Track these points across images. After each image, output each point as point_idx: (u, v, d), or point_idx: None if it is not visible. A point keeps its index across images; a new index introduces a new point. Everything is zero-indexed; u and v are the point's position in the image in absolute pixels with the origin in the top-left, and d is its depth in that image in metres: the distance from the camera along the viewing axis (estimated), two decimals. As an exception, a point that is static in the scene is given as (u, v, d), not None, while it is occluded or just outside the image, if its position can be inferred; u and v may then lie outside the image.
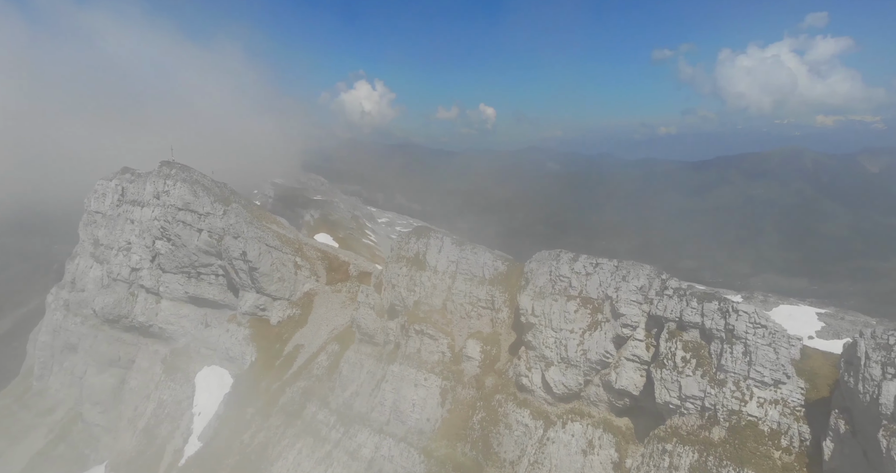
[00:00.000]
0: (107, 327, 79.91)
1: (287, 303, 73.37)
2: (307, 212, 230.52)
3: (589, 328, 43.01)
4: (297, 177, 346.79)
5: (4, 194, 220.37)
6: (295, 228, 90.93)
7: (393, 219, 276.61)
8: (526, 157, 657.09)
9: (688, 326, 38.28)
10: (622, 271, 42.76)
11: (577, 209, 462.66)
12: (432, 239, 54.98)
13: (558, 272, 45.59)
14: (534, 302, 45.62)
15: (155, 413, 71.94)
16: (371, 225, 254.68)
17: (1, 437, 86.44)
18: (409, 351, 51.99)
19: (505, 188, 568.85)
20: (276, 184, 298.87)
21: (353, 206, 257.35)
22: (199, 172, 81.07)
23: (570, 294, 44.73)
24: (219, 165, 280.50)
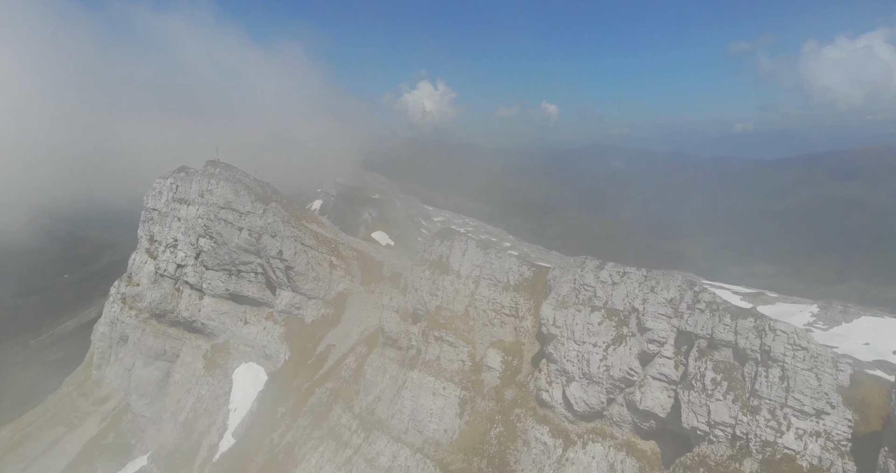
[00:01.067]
0: (154, 321, 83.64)
1: (321, 303, 74.02)
2: (366, 211, 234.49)
3: (613, 342, 40.26)
4: (359, 176, 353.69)
5: (96, 189, 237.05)
6: (337, 227, 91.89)
7: (449, 217, 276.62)
8: (590, 155, 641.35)
9: (720, 344, 34.93)
10: (651, 281, 39.71)
11: (644, 209, 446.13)
12: (456, 241, 53.53)
13: (582, 280, 43.01)
14: (556, 312, 43.26)
15: (194, 408, 74.57)
16: (426, 223, 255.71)
17: (60, 423, 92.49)
18: (429, 357, 50.82)
19: (567, 187, 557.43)
20: (338, 184, 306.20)
21: (410, 205, 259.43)
22: (241, 172, 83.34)
23: (594, 304, 42.08)
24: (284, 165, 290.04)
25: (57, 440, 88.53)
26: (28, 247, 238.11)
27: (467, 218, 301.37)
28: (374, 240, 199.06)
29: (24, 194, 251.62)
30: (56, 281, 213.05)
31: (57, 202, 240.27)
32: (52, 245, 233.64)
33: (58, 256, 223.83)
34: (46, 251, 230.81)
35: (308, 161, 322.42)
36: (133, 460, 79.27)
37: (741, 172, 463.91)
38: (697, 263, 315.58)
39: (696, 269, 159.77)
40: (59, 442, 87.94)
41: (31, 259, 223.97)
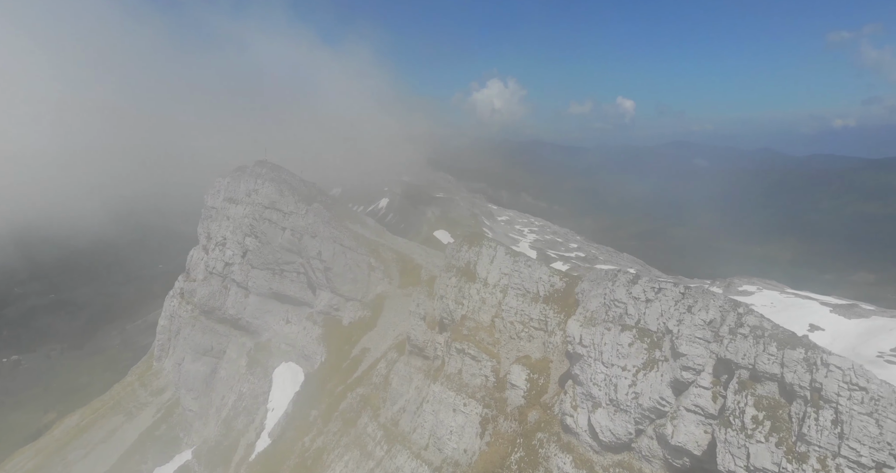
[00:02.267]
0: (203, 317, 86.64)
1: (359, 304, 73.62)
2: (429, 210, 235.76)
3: (644, 367, 36.35)
4: (426, 175, 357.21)
5: (187, 185, 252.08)
6: (383, 227, 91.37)
7: (513, 217, 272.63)
8: (668, 153, 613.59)
9: (763, 377, 30.43)
10: (688, 299, 35.47)
11: (728, 210, 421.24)
12: (484, 248, 50.90)
13: (613, 296, 39.27)
14: (583, 330, 39.77)
15: (234, 406, 76.38)
16: (489, 223, 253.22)
17: (121, 412, 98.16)
18: (451, 371, 48.61)
19: (642, 185, 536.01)
20: (404, 182, 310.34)
21: (473, 204, 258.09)
22: (288, 172, 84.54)
23: (625, 323, 38.27)
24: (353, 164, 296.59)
25: (116, 428, 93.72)
26: (130, 240, 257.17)
27: (532, 217, 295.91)
28: (436, 239, 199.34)
29: (123, 190, 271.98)
30: (152, 271, 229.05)
31: (155, 199, 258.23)
32: (149, 238, 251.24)
33: (156, 248, 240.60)
34: (145, 243, 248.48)
35: (376, 160, 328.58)
36: (180, 453, 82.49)
37: (841, 171, 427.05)
38: (787, 269, 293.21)
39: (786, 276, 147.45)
40: (117, 431, 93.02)
41: (132, 250, 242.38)
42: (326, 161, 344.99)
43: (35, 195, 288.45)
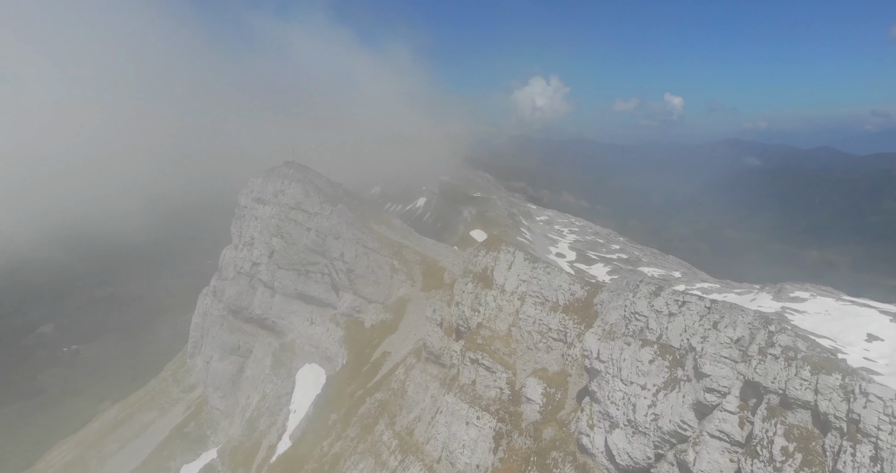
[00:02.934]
0: (231, 316, 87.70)
1: (381, 307, 72.80)
2: (465, 209, 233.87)
3: (665, 386, 33.79)
4: (465, 174, 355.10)
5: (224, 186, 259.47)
6: (407, 228, 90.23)
7: (552, 217, 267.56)
8: (719, 151, 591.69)
9: (795, 404, 27.56)
10: (714, 315, 32.72)
11: (783, 211, 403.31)
12: (502, 253, 48.95)
13: (634, 308, 36.76)
14: (601, 344, 37.44)
15: (258, 406, 76.82)
16: (527, 222, 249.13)
17: (154, 407, 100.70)
18: (465, 381, 46.94)
19: (691, 184, 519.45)
20: (441, 182, 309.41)
21: (511, 203, 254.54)
22: (314, 173, 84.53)
23: (645, 338, 35.74)
24: (392, 164, 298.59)
25: (148, 424, 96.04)
26: (183, 237, 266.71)
27: (573, 217, 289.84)
28: (472, 239, 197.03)
29: (174, 190, 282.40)
30: (202, 266, 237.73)
31: (206, 198, 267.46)
32: (202, 235, 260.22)
33: (207, 245, 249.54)
34: (197, 240, 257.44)
35: (415, 160, 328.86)
36: (207, 451, 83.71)
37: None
38: (846, 274, 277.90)
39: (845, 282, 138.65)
40: (150, 427, 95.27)
41: (185, 247, 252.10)
42: (366, 160, 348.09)
43: (91, 194, 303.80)
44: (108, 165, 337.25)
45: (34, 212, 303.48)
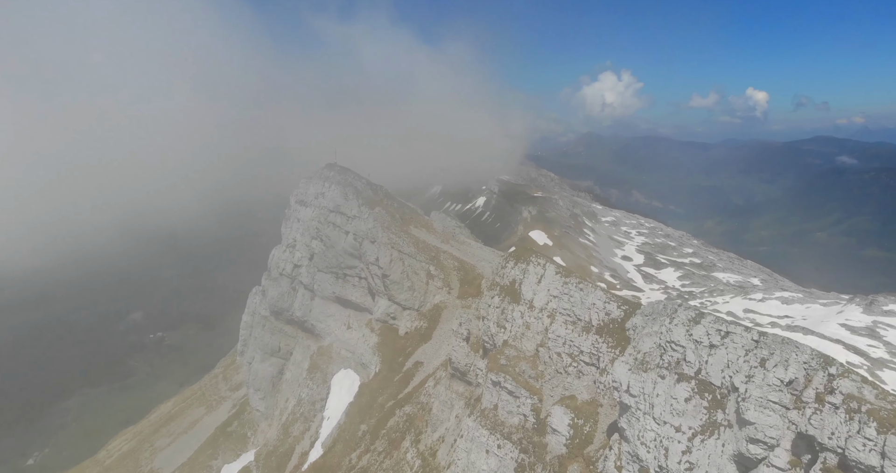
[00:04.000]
0: (273, 317, 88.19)
1: (416, 314, 70.51)
2: (525, 209, 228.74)
3: (703, 430, 29.19)
4: (526, 172, 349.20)
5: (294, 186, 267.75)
6: (450, 231, 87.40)
7: (619, 218, 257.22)
8: (809, 149, 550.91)
9: (857, 468, 22.56)
10: (762, 350, 27.82)
11: (880, 214, 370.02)
12: (532, 265, 45.10)
13: (670, 336, 32.19)
14: (632, 375, 33.10)
15: (293, 411, 76.54)
16: (591, 223, 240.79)
17: (203, 404, 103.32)
18: (486, 405, 43.53)
19: (776, 184, 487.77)
20: (501, 181, 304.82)
21: (574, 203, 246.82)
22: (355, 175, 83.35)
23: (682, 371, 31.13)
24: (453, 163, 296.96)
25: (197, 420, 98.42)
26: (258, 232, 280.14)
27: (642, 218, 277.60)
28: (531, 239, 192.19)
29: (254, 190, 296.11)
30: None
31: (277, 194, 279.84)
32: (275, 230, 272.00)
33: (278, 241, 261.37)
34: (273, 235, 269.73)
35: (476, 159, 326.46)
36: (246, 452, 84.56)
37: None
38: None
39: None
40: (198, 423, 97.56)
41: (261, 241, 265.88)
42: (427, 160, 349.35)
43: (170, 193, 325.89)
44: (182, 166, 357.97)
45: (121, 208, 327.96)
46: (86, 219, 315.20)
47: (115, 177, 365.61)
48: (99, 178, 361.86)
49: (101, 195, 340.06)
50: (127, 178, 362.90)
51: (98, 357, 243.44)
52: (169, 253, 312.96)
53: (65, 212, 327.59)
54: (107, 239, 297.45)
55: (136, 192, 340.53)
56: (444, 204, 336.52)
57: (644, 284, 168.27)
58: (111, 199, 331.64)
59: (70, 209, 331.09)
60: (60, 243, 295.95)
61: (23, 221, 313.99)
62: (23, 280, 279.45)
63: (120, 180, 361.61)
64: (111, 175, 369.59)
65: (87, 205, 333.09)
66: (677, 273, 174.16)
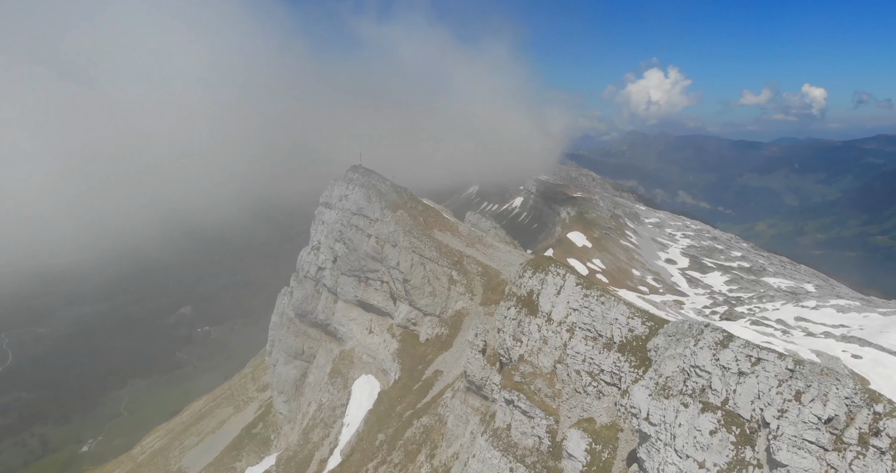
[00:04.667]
0: (297, 320, 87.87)
1: (437, 321, 68.62)
2: (563, 209, 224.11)
3: (729, 468, 26.21)
4: (567, 172, 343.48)
5: None
6: (478, 235, 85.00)
7: (664, 219, 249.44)
8: (871, 148, 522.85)
9: (908, 531, 19.35)
10: (798, 381, 24.66)
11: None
12: (550, 275, 42.47)
13: (694, 360, 29.23)
14: (652, 402, 30.27)
15: (314, 416, 75.83)
16: (633, 225, 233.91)
17: (231, 404, 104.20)
18: (499, 424, 41.17)
19: (834, 186, 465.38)
20: (539, 181, 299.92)
21: (615, 204, 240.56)
22: (379, 177, 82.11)
23: (707, 400, 28.14)
24: (487, 163, 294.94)
25: (224, 420, 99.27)
26: (301, 230, 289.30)
27: (688, 219, 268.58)
28: (569, 241, 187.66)
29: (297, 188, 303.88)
30: None
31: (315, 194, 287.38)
32: None
33: None
34: (307, 233, 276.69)
35: (513, 158, 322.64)
36: (269, 455, 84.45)
37: None
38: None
39: None
40: (225, 423, 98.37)
41: (296, 241, 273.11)
42: (464, 160, 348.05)
43: (223, 191, 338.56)
44: (226, 166, 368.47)
45: (172, 208, 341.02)
46: (142, 219, 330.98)
47: (163, 178, 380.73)
48: (148, 179, 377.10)
49: (152, 195, 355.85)
50: (174, 178, 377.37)
51: (149, 349, 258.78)
52: (217, 250, 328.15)
53: (121, 212, 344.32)
54: (162, 237, 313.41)
55: (184, 192, 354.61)
56: (480, 204, 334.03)
57: (688, 288, 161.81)
58: (162, 200, 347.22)
59: (125, 209, 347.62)
60: (118, 241, 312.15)
61: (84, 221, 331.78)
62: (83, 275, 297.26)
63: (168, 180, 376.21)
64: (159, 176, 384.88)
65: (141, 206, 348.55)
66: (724, 277, 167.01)
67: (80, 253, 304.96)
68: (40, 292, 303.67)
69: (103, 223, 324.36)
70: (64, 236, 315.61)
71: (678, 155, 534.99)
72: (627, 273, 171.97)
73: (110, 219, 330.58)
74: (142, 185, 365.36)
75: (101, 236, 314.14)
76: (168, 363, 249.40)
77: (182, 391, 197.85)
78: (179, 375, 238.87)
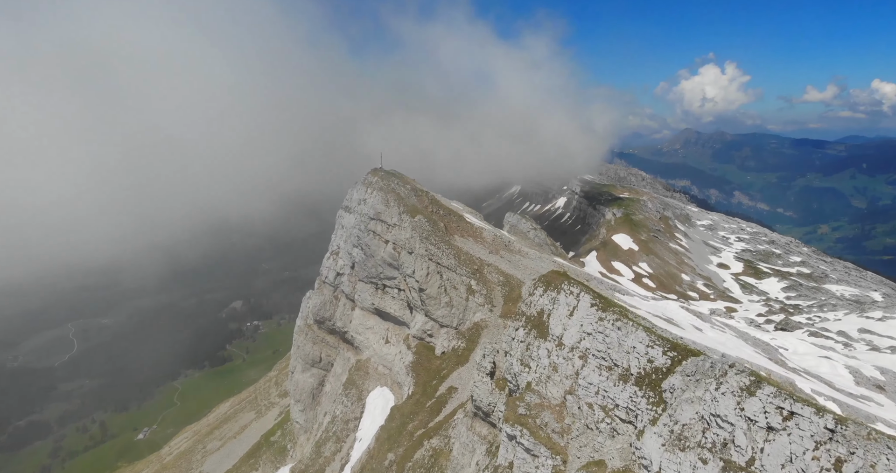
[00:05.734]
0: (315, 326, 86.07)
1: (454, 333, 65.22)
2: (609, 210, 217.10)
3: (752, 544, 21.88)
4: (615, 171, 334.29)
5: None
6: (504, 241, 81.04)
7: (717, 221, 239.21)
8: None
9: None
10: (840, 446, 20.20)
11: None
12: (563, 294, 38.44)
13: (714, 408, 24.92)
14: (664, 454, 26.17)
15: (327, 429, 73.68)
16: (684, 227, 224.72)
17: (254, 409, 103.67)
18: (501, 462, 37.49)
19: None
20: (584, 181, 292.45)
21: (664, 205, 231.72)
22: (399, 180, 79.40)
23: (730, 458, 23.84)
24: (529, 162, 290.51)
25: (246, 425, 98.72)
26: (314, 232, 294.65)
27: (743, 222, 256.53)
28: (614, 244, 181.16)
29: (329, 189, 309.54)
30: None
31: None
32: None
33: None
34: None
35: (556, 157, 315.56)
36: (284, 466, 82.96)
37: None
38: None
39: None
40: (247, 428, 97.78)
41: None
42: (505, 159, 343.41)
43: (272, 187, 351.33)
44: (272, 164, 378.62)
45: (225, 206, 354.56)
46: (204, 217, 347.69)
47: (213, 178, 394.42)
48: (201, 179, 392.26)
49: (205, 196, 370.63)
50: (222, 178, 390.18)
51: (202, 341, 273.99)
52: (267, 247, 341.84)
53: (177, 211, 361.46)
54: (216, 234, 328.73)
55: (234, 191, 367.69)
56: (522, 205, 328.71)
57: (742, 295, 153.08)
58: (214, 200, 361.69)
59: (181, 209, 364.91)
60: (176, 238, 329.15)
61: (151, 220, 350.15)
62: (143, 268, 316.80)
63: (216, 180, 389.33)
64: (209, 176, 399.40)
65: (194, 207, 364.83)
66: (781, 283, 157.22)
67: (148, 250, 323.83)
68: (104, 284, 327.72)
69: (166, 221, 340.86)
70: (125, 233, 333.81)
71: (735, 154, 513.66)
72: (676, 277, 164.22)
73: (168, 217, 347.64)
74: (198, 186, 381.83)
75: (161, 233, 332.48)
76: (219, 355, 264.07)
77: (230, 383, 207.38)
78: (229, 367, 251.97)
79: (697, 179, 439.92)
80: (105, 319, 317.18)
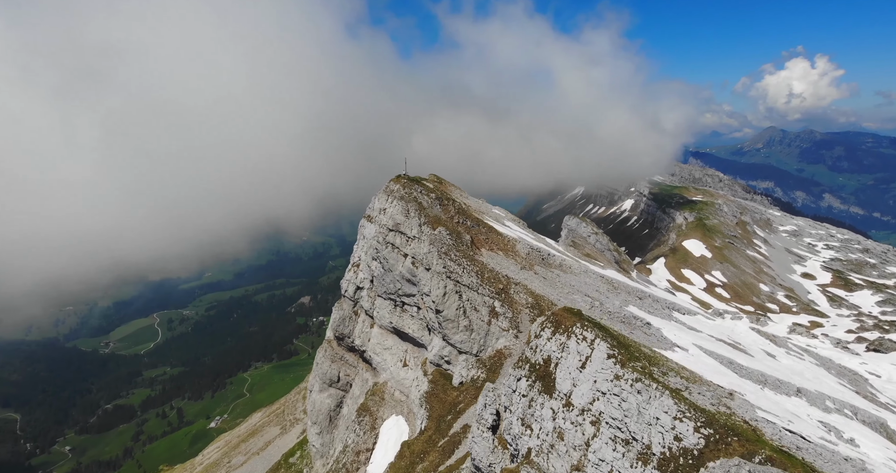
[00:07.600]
0: (335, 342, 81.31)
1: (473, 361, 58.30)
2: (680, 214, 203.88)
3: None
4: (689, 172, 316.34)
5: None
6: (541, 255, 73.25)
7: (802, 227, 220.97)
8: None
9: None
10: None
11: None
12: (574, 339, 30.99)
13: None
14: None
15: (338, 459, 68.37)
16: (764, 233, 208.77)
17: (280, 424, 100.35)
18: (491, 543, 30.45)
19: None
20: (653, 182, 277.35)
21: (742, 209, 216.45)
22: (422, 188, 73.08)
23: None
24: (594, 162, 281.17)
25: (270, 441, 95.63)
26: None
27: (833, 228, 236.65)
28: (685, 250, 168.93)
29: None
30: None
31: None
32: None
33: None
34: None
35: (623, 156, 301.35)
36: (298, 491, 78.64)
37: None
38: None
39: None
40: (271, 445, 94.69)
41: None
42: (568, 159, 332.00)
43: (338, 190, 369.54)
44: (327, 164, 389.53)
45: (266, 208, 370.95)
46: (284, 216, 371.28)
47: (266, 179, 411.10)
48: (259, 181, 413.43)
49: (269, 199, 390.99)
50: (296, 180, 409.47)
51: (272, 335, 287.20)
52: (336, 245, 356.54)
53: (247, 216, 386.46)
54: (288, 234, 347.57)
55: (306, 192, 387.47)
56: (584, 207, 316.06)
57: (829, 308, 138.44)
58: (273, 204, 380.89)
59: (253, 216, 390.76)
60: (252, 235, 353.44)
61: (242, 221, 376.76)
62: (224, 263, 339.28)
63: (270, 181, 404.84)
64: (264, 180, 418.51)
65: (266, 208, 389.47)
66: (876, 297, 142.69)
67: (230, 246, 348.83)
68: (186, 279, 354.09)
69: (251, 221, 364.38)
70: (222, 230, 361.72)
71: (825, 153, 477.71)
72: (754, 288, 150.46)
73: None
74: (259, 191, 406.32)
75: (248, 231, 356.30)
76: (287, 349, 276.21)
77: (295, 377, 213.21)
78: (294, 361, 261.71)
79: (782, 181, 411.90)
80: (186, 310, 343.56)
